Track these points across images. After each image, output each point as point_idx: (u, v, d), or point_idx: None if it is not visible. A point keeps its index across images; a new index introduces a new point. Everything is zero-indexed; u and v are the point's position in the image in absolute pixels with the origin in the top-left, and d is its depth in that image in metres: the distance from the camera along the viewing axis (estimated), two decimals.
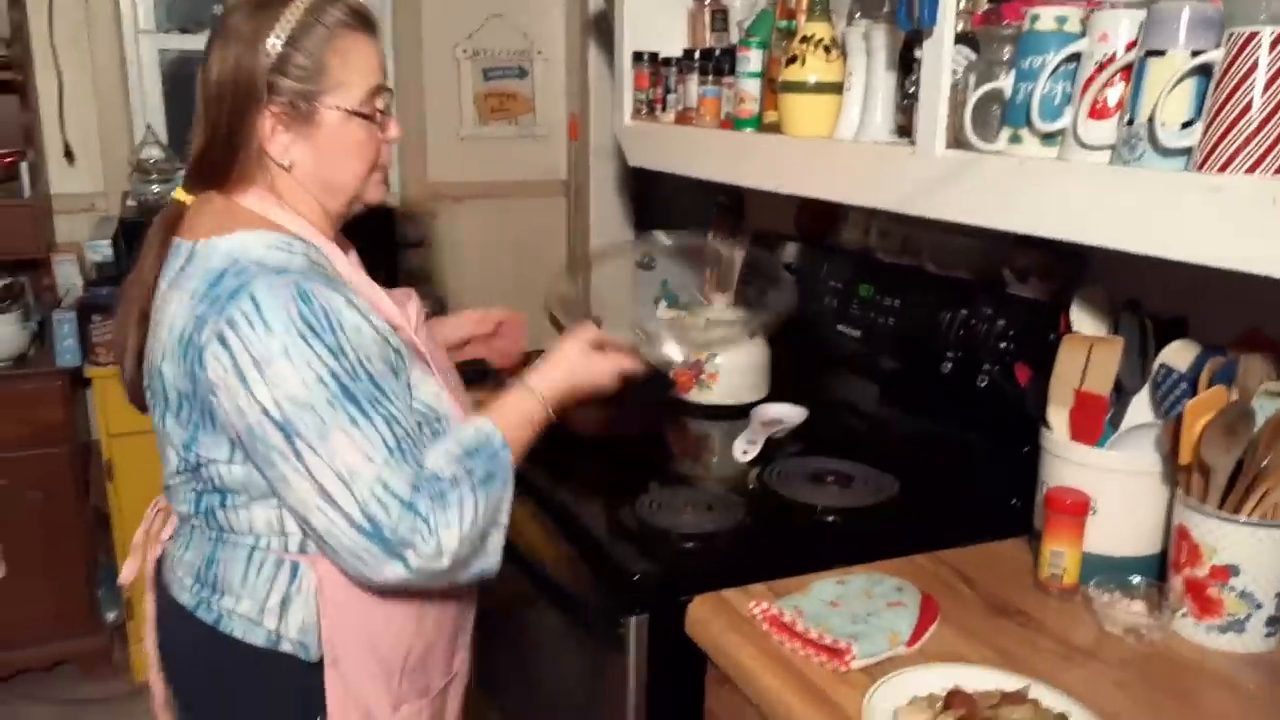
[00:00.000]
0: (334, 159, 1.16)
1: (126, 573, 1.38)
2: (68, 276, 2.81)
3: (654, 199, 3.09)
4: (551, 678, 1.76)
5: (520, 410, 1.25)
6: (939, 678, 1.10)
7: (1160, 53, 1.05)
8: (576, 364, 1.31)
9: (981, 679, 1.10)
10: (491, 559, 1.18)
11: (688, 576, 1.37)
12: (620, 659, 1.39)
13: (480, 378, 1.81)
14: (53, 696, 2.77)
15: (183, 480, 1.20)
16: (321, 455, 1.05)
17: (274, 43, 1.10)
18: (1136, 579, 1.28)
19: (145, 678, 1.38)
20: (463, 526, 1.10)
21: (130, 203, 2.84)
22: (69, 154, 2.94)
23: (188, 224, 1.18)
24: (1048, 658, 1.19)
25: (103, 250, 2.80)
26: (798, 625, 1.20)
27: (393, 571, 1.08)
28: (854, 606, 1.24)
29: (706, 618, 1.30)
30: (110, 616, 2.84)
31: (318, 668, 1.19)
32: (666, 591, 1.36)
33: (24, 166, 2.71)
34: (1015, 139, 1.24)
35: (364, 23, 1.15)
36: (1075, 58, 1.16)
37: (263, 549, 1.18)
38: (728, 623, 1.27)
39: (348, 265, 1.21)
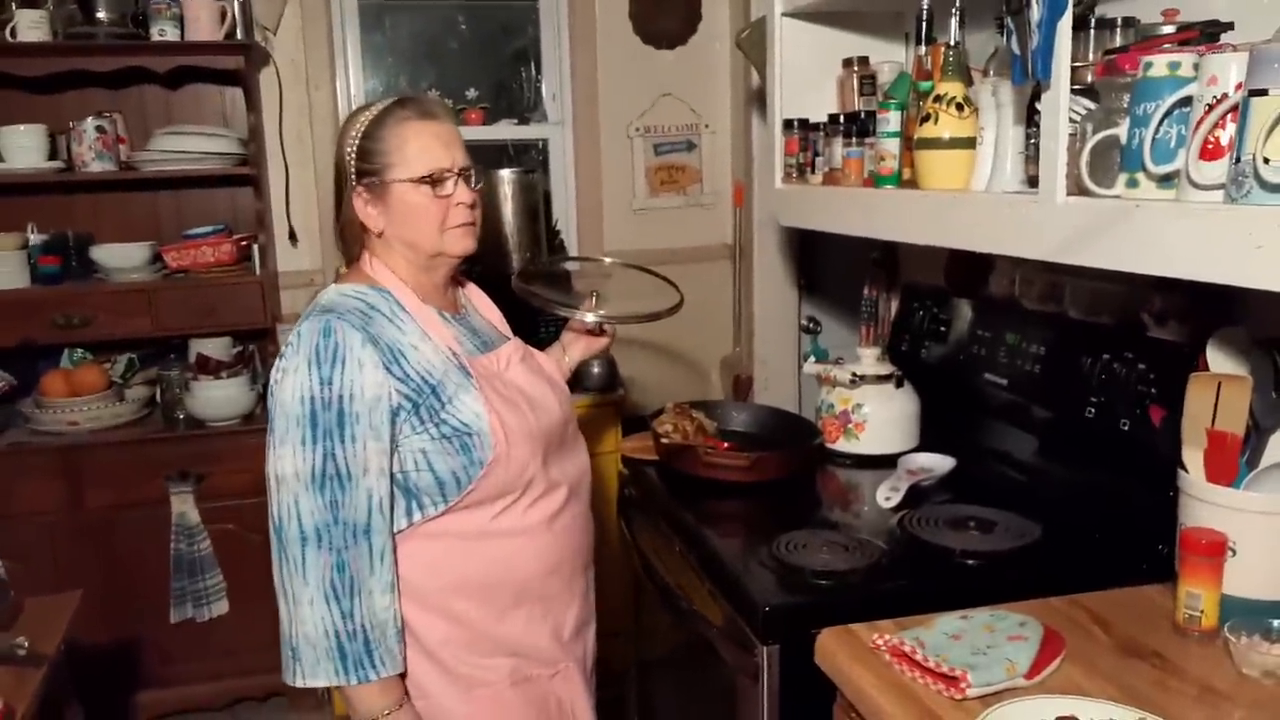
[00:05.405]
0: (406, 222, 1.43)
1: None
2: None
3: (814, 258, 3.17)
4: (696, 706, 1.84)
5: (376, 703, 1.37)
6: (1054, 707, 1.12)
7: (1263, 92, 1.07)
8: None
9: (1098, 711, 1.11)
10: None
11: (819, 611, 1.43)
12: (754, 686, 1.46)
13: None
14: None
15: None
16: (273, 454, 1.34)
17: (354, 140, 1.43)
18: (1278, 622, 1.24)
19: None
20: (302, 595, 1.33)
21: None
22: (293, 236, 3.34)
23: None
24: (1175, 697, 1.18)
25: None
26: (917, 654, 1.24)
27: None
28: (975, 639, 1.27)
29: (834, 648, 1.35)
30: None
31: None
32: (797, 624, 1.42)
33: (255, 248, 3.11)
34: (1132, 183, 1.27)
35: (426, 115, 1.43)
36: (1188, 101, 1.19)
37: None
38: (852, 653, 1.32)
39: (417, 303, 1.45)
